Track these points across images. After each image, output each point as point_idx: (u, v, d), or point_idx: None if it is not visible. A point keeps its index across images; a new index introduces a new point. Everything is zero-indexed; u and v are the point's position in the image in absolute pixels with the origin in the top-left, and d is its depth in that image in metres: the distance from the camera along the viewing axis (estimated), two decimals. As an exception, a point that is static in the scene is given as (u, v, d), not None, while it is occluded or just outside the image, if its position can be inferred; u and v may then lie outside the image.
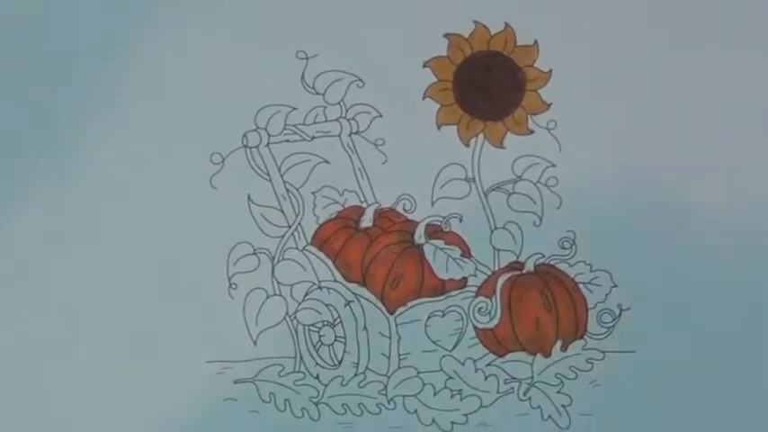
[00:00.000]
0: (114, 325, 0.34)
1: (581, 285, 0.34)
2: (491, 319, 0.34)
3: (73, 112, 0.35)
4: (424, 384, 0.34)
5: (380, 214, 0.35)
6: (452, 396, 0.34)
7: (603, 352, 0.34)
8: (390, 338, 0.34)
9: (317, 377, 0.34)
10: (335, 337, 0.34)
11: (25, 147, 0.35)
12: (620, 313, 0.34)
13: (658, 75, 0.34)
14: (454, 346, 0.34)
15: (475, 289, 0.34)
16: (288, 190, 0.35)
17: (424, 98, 0.35)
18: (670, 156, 0.34)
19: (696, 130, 0.34)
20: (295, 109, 0.35)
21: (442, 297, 0.34)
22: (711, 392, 0.34)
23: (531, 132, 0.35)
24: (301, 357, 0.34)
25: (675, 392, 0.34)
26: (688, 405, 0.34)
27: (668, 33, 0.35)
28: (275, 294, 0.34)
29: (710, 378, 0.34)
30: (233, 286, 0.34)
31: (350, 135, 0.35)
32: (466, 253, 0.35)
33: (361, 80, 0.35)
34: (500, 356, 0.34)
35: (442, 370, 0.34)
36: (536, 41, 0.35)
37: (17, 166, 0.35)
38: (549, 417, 0.34)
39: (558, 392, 0.34)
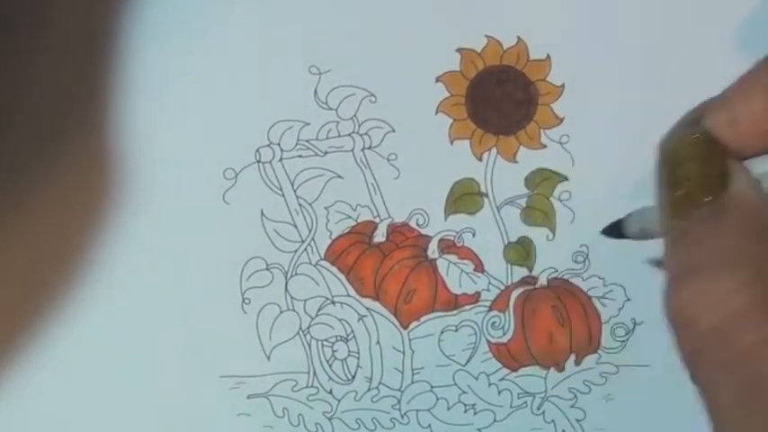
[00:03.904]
0: (126, 341, 0.34)
1: (594, 299, 0.34)
2: (504, 334, 0.34)
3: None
4: (437, 399, 0.34)
5: (393, 229, 0.35)
6: (466, 411, 0.34)
7: (617, 366, 0.34)
8: (404, 353, 0.34)
9: (331, 392, 0.34)
10: (349, 351, 0.34)
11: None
12: (634, 327, 0.34)
13: (673, 88, 0.34)
14: (468, 361, 0.34)
15: (488, 303, 0.34)
16: (301, 205, 0.35)
17: (436, 113, 0.35)
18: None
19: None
20: (308, 124, 0.35)
21: (455, 312, 0.34)
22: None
23: (544, 147, 0.35)
24: (315, 372, 0.34)
25: (689, 407, 0.34)
26: (702, 419, 0.34)
27: (684, 47, 0.35)
28: (288, 309, 0.34)
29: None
30: (246, 301, 0.34)
31: (363, 150, 0.35)
32: (479, 267, 0.35)
33: (373, 95, 0.35)
34: (513, 371, 0.34)
35: (455, 384, 0.34)
36: (548, 56, 0.35)
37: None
38: (563, 431, 0.34)
39: (572, 407, 0.34)
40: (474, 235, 0.35)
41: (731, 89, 0.26)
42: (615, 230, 0.32)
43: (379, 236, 0.35)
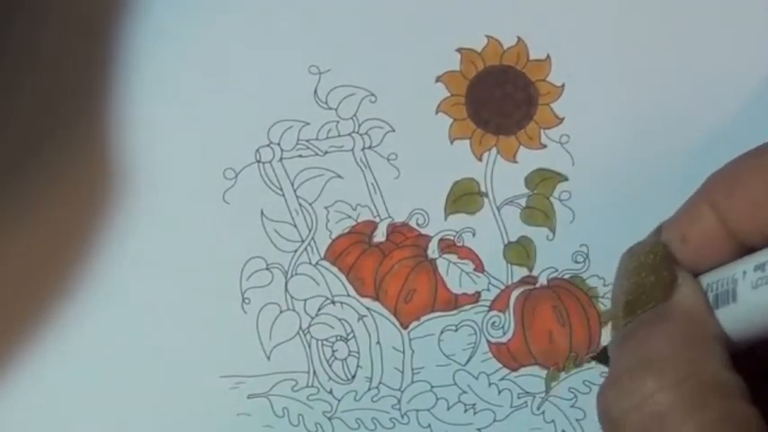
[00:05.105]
0: (126, 340, 0.34)
1: (594, 299, 0.34)
2: (504, 334, 0.34)
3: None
4: (437, 399, 0.34)
5: (393, 229, 0.35)
6: (466, 410, 0.34)
7: (617, 366, 0.34)
8: (404, 353, 0.34)
9: (331, 392, 0.34)
10: (349, 351, 0.34)
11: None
12: (634, 327, 0.34)
13: (673, 88, 0.34)
14: (468, 361, 0.34)
15: (488, 303, 0.34)
16: (301, 205, 0.35)
17: (436, 113, 0.35)
18: (683, 170, 0.34)
19: (711, 145, 0.34)
20: (308, 124, 0.35)
21: (455, 311, 0.34)
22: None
23: (544, 147, 0.35)
24: (315, 372, 0.34)
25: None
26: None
27: (684, 47, 0.35)
28: (288, 309, 0.34)
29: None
30: (246, 301, 0.34)
31: (363, 150, 0.35)
32: (479, 267, 0.35)
33: (373, 95, 0.35)
34: (513, 371, 0.34)
35: (455, 384, 0.34)
36: (548, 56, 0.35)
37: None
38: (563, 431, 0.34)
39: (572, 407, 0.34)
40: (474, 235, 0.35)
41: (682, 208, 0.28)
42: (604, 356, 0.32)
43: (379, 236, 0.35)
